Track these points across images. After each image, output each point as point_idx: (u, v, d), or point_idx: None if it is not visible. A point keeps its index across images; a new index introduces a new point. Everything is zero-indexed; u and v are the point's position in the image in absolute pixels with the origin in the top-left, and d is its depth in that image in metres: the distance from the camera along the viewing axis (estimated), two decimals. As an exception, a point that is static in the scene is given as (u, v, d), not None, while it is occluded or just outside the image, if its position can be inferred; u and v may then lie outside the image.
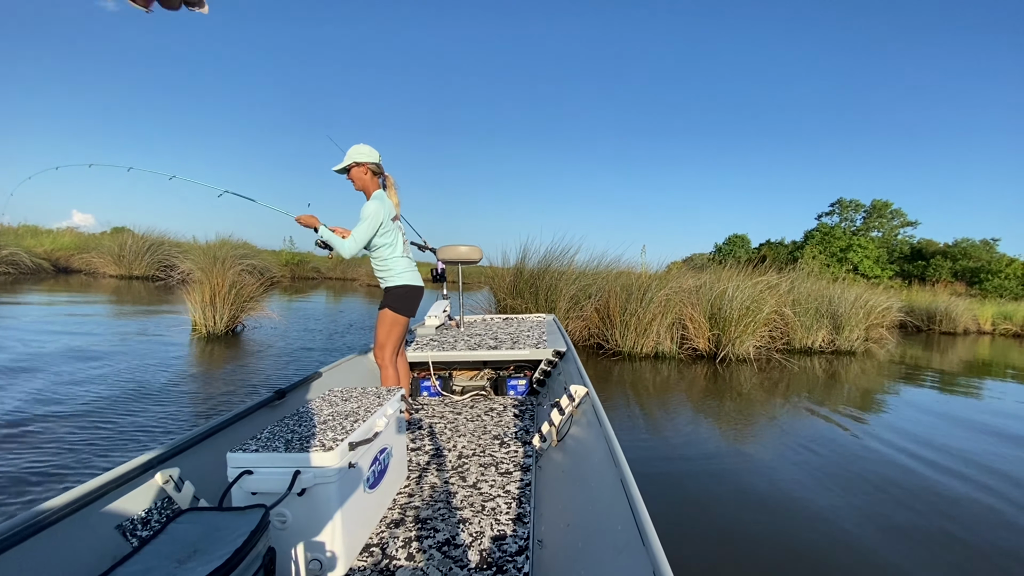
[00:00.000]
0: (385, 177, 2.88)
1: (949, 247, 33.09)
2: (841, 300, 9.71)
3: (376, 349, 2.90)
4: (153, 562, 1.17)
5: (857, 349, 9.56)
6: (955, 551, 2.60)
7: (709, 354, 8.00)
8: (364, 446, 1.72)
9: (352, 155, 2.76)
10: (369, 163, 2.77)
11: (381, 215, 2.71)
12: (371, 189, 2.81)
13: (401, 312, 2.85)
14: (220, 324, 7.21)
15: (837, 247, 32.31)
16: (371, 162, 2.77)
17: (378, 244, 2.80)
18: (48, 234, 19.25)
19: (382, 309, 2.85)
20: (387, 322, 2.83)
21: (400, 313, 2.84)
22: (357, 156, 2.75)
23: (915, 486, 3.39)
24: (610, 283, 8.56)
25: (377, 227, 2.71)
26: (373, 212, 2.68)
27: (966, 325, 15.66)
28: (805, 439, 4.26)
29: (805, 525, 2.79)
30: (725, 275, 8.86)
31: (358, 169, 2.76)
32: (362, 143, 2.79)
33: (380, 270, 2.88)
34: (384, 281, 2.89)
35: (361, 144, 2.79)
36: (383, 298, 2.88)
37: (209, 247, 12.50)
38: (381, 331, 2.85)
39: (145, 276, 16.13)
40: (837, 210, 37.98)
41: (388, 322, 2.83)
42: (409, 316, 2.91)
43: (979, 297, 21.88)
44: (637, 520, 1.21)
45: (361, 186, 2.81)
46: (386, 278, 2.87)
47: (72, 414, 3.65)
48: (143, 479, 1.61)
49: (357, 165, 2.76)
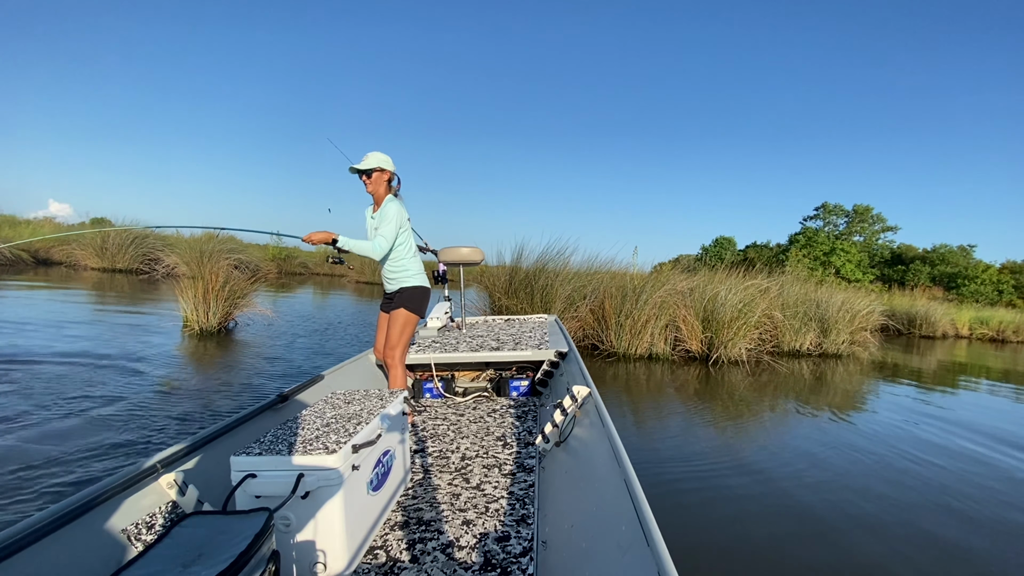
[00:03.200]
0: (398, 185, 2.99)
1: (927, 252, 33.85)
2: (828, 304, 9.88)
3: (387, 349, 2.92)
4: (158, 566, 1.17)
5: (843, 352, 9.73)
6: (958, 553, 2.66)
7: (702, 356, 8.07)
8: (367, 448, 1.72)
9: (379, 160, 2.83)
10: (391, 171, 2.88)
11: (403, 214, 2.84)
12: (383, 195, 2.89)
13: (416, 312, 2.92)
14: (213, 320, 7.08)
15: (820, 251, 32.85)
16: (392, 171, 2.89)
17: (396, 244, 2.88)
18: (27, 224, 18.76)
19: (396, 309, 2.89)
20: (402, 322, 2.88)
21: (415, 313, 2.91)
22: (383, 163, 2.84)
23: (914, 486, 3.47)
24: (605, 284, 8.60)
25: (400, 227, 2.81)
26: (396, 212, 2.79)
27: (944, 329, 16.06)
28: (804, 441, 4.33)
29: (807, 526, 2.82)
30: (717, 278, 8.95)
31: (380, 174, 2.84)
32: (380, 152, 2.87)
33: (395, 271, 2.93)
34: (397, 282, 2.93)
35: (380, 152, 2.86)
36: (396, 298, 2.92)
37: (195, 241, 12.29)
38: (395, 331, 2.88)
39: (129, 269, 15.77)
40: (821, 214, 38.60)
41: (403, 322, 2.88)
42: (421, 316, 2.97)
43: (956, 302, 22.45)
44: (641, 520, 1.21)
45: (375, 190, 2.88)
46: (400, 278, 2.92)
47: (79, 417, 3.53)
48: (147, 483, 1.60)
49: (380, 170, 2.83)
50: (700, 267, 10.80)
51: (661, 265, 11.68)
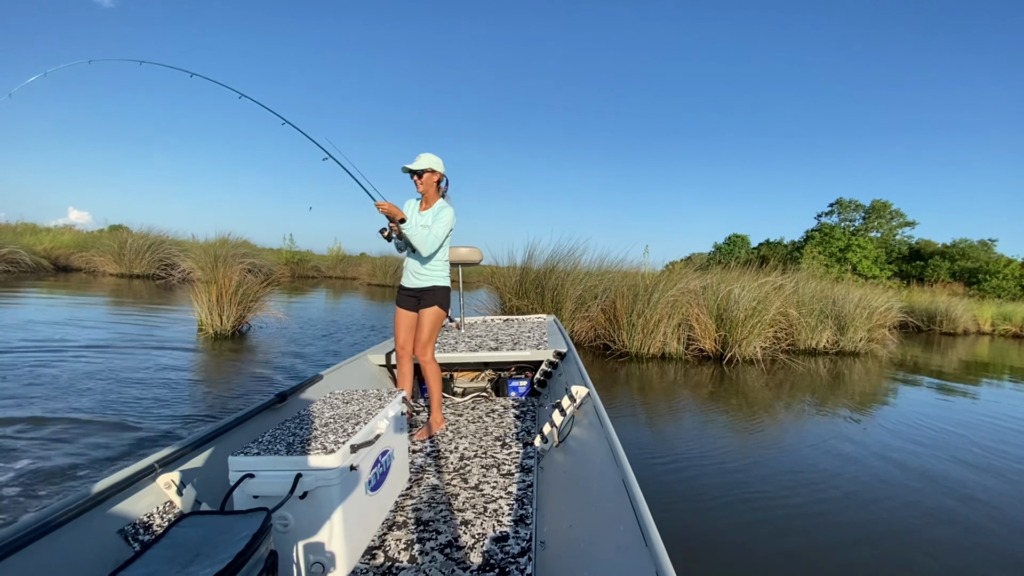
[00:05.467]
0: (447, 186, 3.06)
1: (947, 247, 33.09)
2: (845, 301, 9.69)
3: (419, 346, 2.97)
4: (155, 566, 1.16)
5: (861, 350, 9.54)
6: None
7: (716, 355, 7.97)
8: (365, 448, 1.72)
9: (430, 161, 2.89)
10: (441, 172, 2.94)
11: (454, 219, 2.93)
12: (434, 195, 2.96)
13: (447, 310, 3.03)
14: (227, 324, 7.17)
15: (836, 247, 32.28)
16: (442, 172, 2.96)
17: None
18: (47, 232, 19.21)
19: (428, 307, 2.95)
20: (434, 319, 2.95)
21: (446, 311, 3.02)
22: (434, 164, 2.90)
23: (928, 494, 3.36)
24: (616, 283, 8.54)
25: (449, 231, 2.91)
26: (451, 217, 2.89)
27: (966, 326, 15.66)
28: (823, 441, 4.23)
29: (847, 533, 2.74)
30: (731, 276, 8.84)
31: (431, 175, 2.90)
32: (431, 152, 2.94)
33: (432, 269, 2.98)
34: (431, 279, 2.99)
35: (431, 154, 2.93)
36: (425, 296, 2.98)
37: (209, 245, 12.47)
38: (426, 328, 2.94)
39: (145, 275, 16.07)
40: (837, 210, 37.98)
41: (435, 319, 2.95)
42: (447, 315, 3.07)
43: (977, 297, 21.85)
44: (640, 520, 1.20)
45: (425, 190, 2.94)
46: (433, 277, 2.99)
47: (89, 420, 3.57)
48: (145, 483, 1.60)
49: (431, 172, 2.89)
50: (713, 265, 10.68)
51: (673, 264, 11.58)
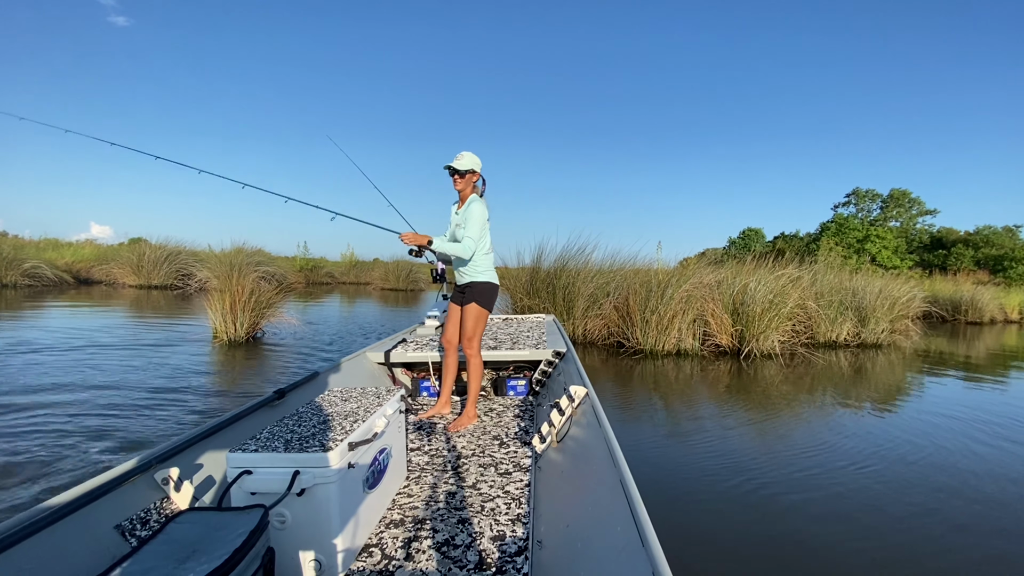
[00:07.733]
0: (484, 186, 3.11)
1: (970, 235, 32.28)
2: (865, 292, 9.47)
3: (464, 341, 3.01)
4: (152, 562, 1.15)
5: (883, 342, 9.31)
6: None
7: (733, 350, 7.84)
8: (364, 446, 1.72)
9: (472, 162, 2.95)
10: (480, 173, 3.01)
11: (486, 214, 2.98)
12: (470, 194, 3.01)
13: (486, 306, 3.03)
14: (241, 331, 7.28)
15: (854, 238, 31.66)
16: (480, 172, 3.01)
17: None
18: (68, 247, 19.75)
19: (468, 303, 2.99)
20: (475, 315, 2.99)
21: (485, 307, 3.02)
22: (475, 164, 2.96)
23: (949, 501, 3.22)
24: (628, 280, 8.46)
25: (483, 226, 2.96)
26: (481, 212, 2.93)
27: (992, 314, 15.24)
28: (845, 439, 4.10)
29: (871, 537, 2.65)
30: (746, 269, 8.69)
31: (471, 175, 2.97)
32: (472, 152, 2.98)
33: (471, 266, 3.01)
34: (469, 276, 3.03)
35: (472, 154, 2.98)
36: (467, 292, 3.02)
37: (225, 255, 12.66)
38: (468, 324, 2.99)
39: (164, 285, 16.41)
40: (853, 200, 37.35)
41: (475, 315, 2.99)
42: (490, 311, 3.07)
43: (1003, 285, 21.19)
44: (637, 521, 1.20)
45: (463, 188, 3.00)
46: (472, 273, 3.02)
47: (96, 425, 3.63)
48: (142, 479, 1.60)
49: (472, 172, 2.95)
50: (727, 259, 10.51)
51: (687, 259, 11.44)
